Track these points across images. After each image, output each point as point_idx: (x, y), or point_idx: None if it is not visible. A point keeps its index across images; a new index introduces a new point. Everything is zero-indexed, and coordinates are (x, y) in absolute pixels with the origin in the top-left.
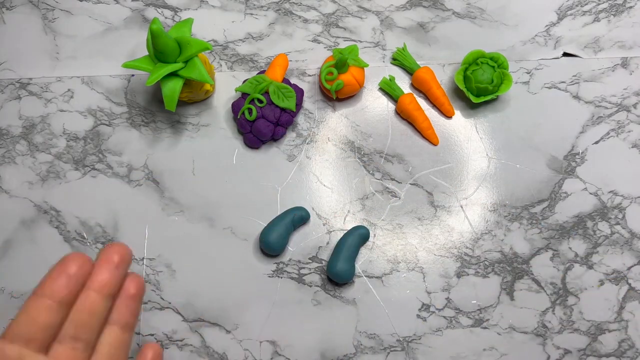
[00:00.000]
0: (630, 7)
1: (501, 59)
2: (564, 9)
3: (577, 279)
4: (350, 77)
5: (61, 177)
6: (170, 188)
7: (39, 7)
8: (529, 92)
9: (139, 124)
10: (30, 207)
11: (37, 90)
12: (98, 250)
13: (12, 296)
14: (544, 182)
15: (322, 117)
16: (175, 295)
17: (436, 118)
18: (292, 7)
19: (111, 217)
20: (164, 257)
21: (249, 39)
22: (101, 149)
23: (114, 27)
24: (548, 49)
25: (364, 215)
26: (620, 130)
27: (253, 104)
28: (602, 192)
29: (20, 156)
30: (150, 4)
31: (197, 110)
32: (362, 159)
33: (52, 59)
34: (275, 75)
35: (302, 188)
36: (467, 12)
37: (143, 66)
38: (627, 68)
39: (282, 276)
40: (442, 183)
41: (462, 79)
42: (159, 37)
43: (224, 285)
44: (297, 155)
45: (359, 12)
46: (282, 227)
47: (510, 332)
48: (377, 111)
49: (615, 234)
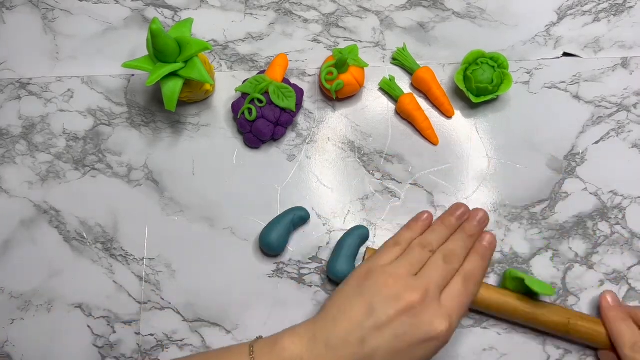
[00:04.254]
0: (630, 7)
1: (501, 59)
2: (564, 9)
3: (577, 279)
4: (350, 77)
5: (61, 177)
6: (170, 188)
7: (39, 7)
8: (529, 92)
9: (139, 124)
10: (30, 207)
11: (37, 90)
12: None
13: (12, 296)
14: (544, 182)
15: (322, 117)
16: (175, 295)
17: (436, 118)
18: (292, 7)
19: (111, 217)
20: (164, 257)
21: (249, 39)
22: (101, 149)
23: (114, 27)
24: (548, 49)
25: (364, 215)
26: (620, 130)
27: (253, 104)
28: (602, 192)
29: (20, 156)
30: (150, 4)
31: (197, 110)
32: (362, 159)
33: (52, 59)
34: (275, 75)
35: (302, 188)
36: (467, 12)
37: (143, 66)
38: (627, 68)
39: (282, 276)
40: (442, 183)
41: (462, 79)
42: (158, 37)
43: (224, 285)
44: (297, 155)
45: (359, 12)
46: (282, 227)
47: (510, 332)
48: (377, 111)
49: (615, 234)
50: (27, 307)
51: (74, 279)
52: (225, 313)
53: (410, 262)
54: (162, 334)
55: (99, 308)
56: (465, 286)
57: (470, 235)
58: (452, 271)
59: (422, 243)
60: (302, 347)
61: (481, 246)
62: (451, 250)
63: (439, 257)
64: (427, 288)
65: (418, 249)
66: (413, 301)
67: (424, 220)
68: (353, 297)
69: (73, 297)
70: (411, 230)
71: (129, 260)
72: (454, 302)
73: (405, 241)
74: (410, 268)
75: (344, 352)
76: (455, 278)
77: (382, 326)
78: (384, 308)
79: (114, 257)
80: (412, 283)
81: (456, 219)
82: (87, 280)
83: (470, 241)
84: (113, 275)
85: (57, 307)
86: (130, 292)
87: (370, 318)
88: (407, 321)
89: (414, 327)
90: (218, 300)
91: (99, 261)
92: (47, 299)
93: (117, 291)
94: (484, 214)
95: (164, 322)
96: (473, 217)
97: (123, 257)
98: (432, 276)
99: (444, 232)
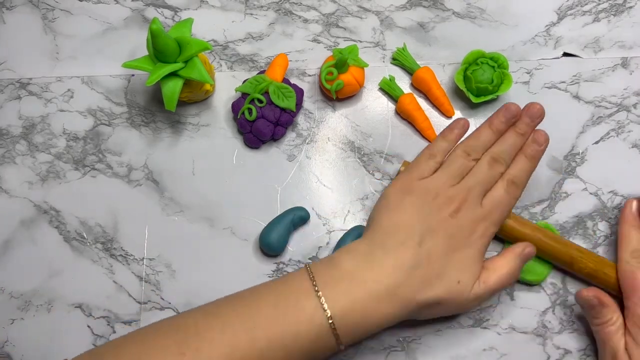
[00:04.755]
0: (630, 7)
1: (501, 59)
2: (564, 9)
3: (577, 279)
4: (350, 77)
5: (61, 177)
6: (170, 188)
7: (39, 7)
8: (529, 92)
9: (139, 124)
10: (30, 207)
11: (37, 90)
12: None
13: (12, 296)
14: (544, 182)
15: (322, 117)
16: (175, 295)
17: (436, 118)
18: (292, 7)
19: (111, 217)
20: (164, 257)
21: (249, 39)
22: (101, 149)
23: (114, 27)
24: (548, 49)
25: (364, 215)
26: (620, 130)
27: (253, 104)
28: (602, 192)
29: (20, 156)
30: (150, 4)
31: (197, 110)
32: (362, 159)
33: (52, 59)
34: (275, 75)
35: (302, 188)
36: (467, 12)
37: (143, 66)
38: (627, 68)
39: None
40: None
41: (462, 79)
42: (158, 37)
43: (224, 286)
44: (297, 155)
45: (359, 12)
46: (282, 227)
47: (510, 332)
48: (377, 111)
49: (615, 234)
50: (27, 307)
51: (74, 279)
52: None
53: (451, 174)
54: None
55: (99, 308)
56: (508, 191)
57: (521, 134)
58: (497, 175)
59: (465, 150)
60: (359, 259)
61: (531, 146)
62: (498, 153)
63: (484, 163)
64: (466, 196)
65: (460, 158)
66: (454, 209)
67: (461, 127)
68: (399, 211)
69: (73, 297)
70: (446, 140)
71: (129, 260)
72: (494, 207)
73: (440, 152)
74: (452, 180)
75: (403, 254)
76: (499, 182)
77: (433, 231)
78: (432, 217)
79: (114, 257)
80: (452, 193)
81: (506, 122)
82: (87, 280)
83: (520, 140)
84: (113, 275)
85: (57, 307)
86: (130, 292)
87: (422, 225)
88: (454, 224)
89: (461, 229)
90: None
91: (99, 261)
92: (47, 299)
93: (117, 291)
94: (538, 109)
95: None
96: (525, 112)
97: (123, 257)
98: (473, 184)
99: (490, 137)
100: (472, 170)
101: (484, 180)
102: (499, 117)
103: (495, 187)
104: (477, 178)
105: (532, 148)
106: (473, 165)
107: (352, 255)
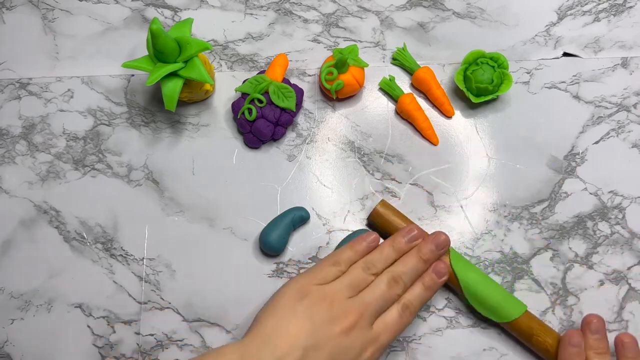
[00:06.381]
0: (630, 7)
1: (501, 59)
2: (564, 9)
3: (577, 279)
4: (350, 77)
5: (61, 177)
6: (170, 188)
7: (39, 7)
8: (529, 92)
9: (139, 124)
10: (30, 207)
11: (37, 90)
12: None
13: (12, 296)
14: (544, 182)
15: (322, 117)
16: (175, 295)
17: (436, 118)
18: (292, 7)
19: (111, 217)
20: (164, 257)
21: (249, 39)
22: (101, 149)
23: (113, 27)
24: (548, 49)
25: (364, 215)
26: (620, 130)
27: (253, 104)
28: (602, 192)
29: (20, 156)
30: (150, 4)
31: (197, 110)
32: (362, 159)
33: (52, 59)
34: (275, 75)
35: (302, 188)
36: (467, 12)
37: (143, 66)
38: (627, 68)
39: (282, 276)
40: (442, 183)
41: (462, 79)
42: (158, 37)
43: (224, 285)
44: (297, 155)
45: (359, 12)
46: (282, 227)
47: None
48: (377, 111)
49: (615, 234)
50: (27, 307)
51: (74, 279)
52: (225, 313)
53: (349, 284)
54: (162, 334)
55: (99, 308)
56: (402, 315)
57: (424, 260)
58: (394, 296)
59: (366, 264)
60: None
61: (430, 277)
62: (399, 274)
63: (383, 280)
64: (362, 312)
65: (360, 270)
66: (347, 326)
67: (370, 242)
68: (289, 316)
69: (73, 297)
70: (353, 251)
71: (129, 260)
72: (386, 330)
73: (345, 261)
74: (349, 291)
75: None
76: (394, 305)
77: (320, 348)
78: (322, 330)
79: (114, 257)
80: (348, 306)
81: (407, 242)
82: (87, 280)
83: (423, 266)
84: (113, 275)
85: (57, 307)
86: (130, 292)
87: (308, 339)
88: (343, 343)
89: (348, 349)
90: (218, 300)
91: (99, 261)
92: (47, 299)
93: (117, 291)
94: (444, 239)
95: (164, 322)
96: (432, 240)
97: (123, 257)
98: (371, 300)
99: (391, 255)
100: (371, 285)
101: (381, 298)
102: (401, 236)
103: (390, 309)
104: (374, 295)
105: (430, 278)
106: (372, 280)
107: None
